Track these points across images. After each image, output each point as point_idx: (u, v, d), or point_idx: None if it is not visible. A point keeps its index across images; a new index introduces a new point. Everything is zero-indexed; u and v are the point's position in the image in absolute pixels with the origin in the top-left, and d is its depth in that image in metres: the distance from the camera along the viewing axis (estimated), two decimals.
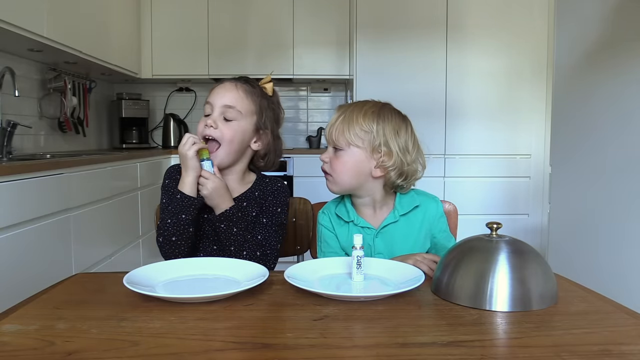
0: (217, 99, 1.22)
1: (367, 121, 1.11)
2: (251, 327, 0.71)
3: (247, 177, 1.29)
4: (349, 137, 1.11)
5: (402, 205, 1.17)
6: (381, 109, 1.14)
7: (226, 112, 1.20)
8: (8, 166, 1.70)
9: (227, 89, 1.23)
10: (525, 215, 3.48)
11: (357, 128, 1.11)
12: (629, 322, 0.72)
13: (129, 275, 0.86)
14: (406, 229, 1.16)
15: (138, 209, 2.88)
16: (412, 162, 1.13)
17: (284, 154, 1.39)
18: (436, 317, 0.76)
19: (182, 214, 1.13)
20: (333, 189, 1.16)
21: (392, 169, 1.11)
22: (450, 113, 3.43)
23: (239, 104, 1.21)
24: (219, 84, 1.25)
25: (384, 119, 1.12)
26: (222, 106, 1.20)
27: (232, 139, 1.21)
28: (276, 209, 1.25)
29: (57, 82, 2.95)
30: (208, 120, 1.21)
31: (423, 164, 1.17)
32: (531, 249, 0.83)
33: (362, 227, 1.16)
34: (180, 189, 1.15)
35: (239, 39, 3.73)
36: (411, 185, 1.18)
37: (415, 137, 1.16)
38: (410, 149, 1.13)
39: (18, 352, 0.62)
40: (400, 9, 3.39)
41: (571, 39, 2.17)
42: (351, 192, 1.17)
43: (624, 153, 1.84)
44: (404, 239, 1.15)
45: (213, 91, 1.24)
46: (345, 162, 1.12)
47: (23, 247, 1.75)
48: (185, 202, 1.13)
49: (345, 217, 1.18)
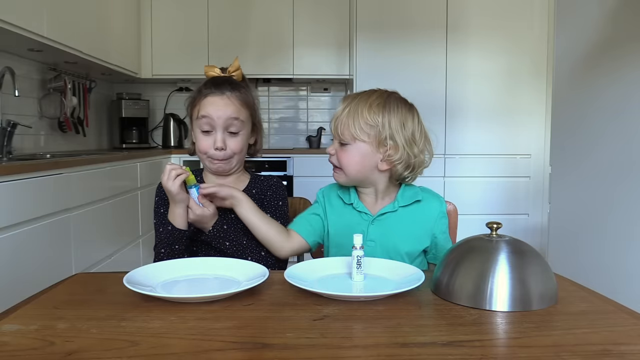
0: (218, 113, 1.18)
1: (372, 114, 1.09)
2: (251, 327, 0.70)
3: (243, 175, 1.30)
4: (354, 131, 1.09)
5: (404, 197, 1.16)
6: (387, 100, 1.11)
7: (230, 126, 1.19)
8: (8, 166, 1.70)
9: (224, 101, 1.19)
10: (525, 215, 3.48)
11: (362, 122, 1.09)
12: (629, 322, 0.72)
13: (129, 275, 0.86)
14: (404, 221, 1.15)
15: (138, 209, 2.88)
16: (420, 152, 1.12)
17: (284, 154, 1.39)
18: (436, 317, 0.76)
19: (175, 245, 1.14)
20: (340, 180, 1.16)
21: (398, 162, 1.10)
22: (450, 113, 3.43)
23: (240, 113, 1.20)
24: (208, 95, 1.19)
25: (390, 111, 1.09)
26: (225, 120, 1.18)
27: (241, 150, 1.22)
28: (278, 203, 1.26)
29: (57, 82, 2.95)
30: (217, 142, 1.18)
31: (430, 153, 1.16)
32: (531, 249, 0.83)
33: (359, 211, 1.15)
34: (170, 220, 1.14)
35: (239, 39, 3.73)
36: (417, 175, 1.16)
37: (423, 126, 1.14)
38: (417, 139, 1.11)
39: (18, 352, 0.62)
40: (400, 9, 3.39)
41: (571, 40, 2.17)
42: (358, 183, 1.17)
43: (623, 153, 1.84)
44: (400, 231, 1.14)
45: (207, 105, 1.18)
46: (351, 156, 1.11)
47: (23, 247, 1.75)
48: (177, 234, 1.13)
49: (347, 199, 1.17)
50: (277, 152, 3.55)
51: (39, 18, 2.31)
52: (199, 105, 1.20)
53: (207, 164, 1.24)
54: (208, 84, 1.22)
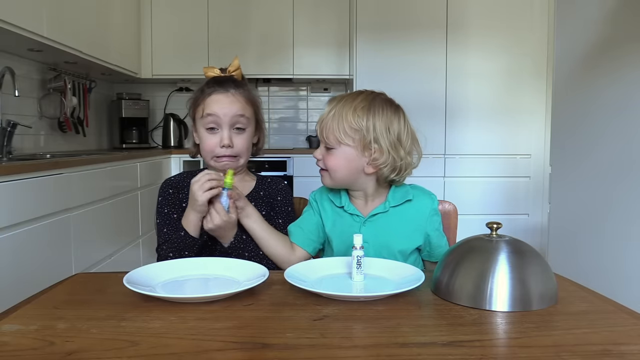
0: (224, 111, 1.17)
1: (356, 118, 1.07)
2: (251, 327, 0.70)
3: (247, 176, 1.29)
4: (339, 135, 1.08)
5: (394, 197, 1.16)
6: (372, 103, 1.09)
7: (236, 123, 1.19)
8: (8, 166, 1.70)
9: (229, 98, 1.18)
10: (525, 215, 3.48)
11: (346, 126, 1.07)
12: (629, 322, 0.71)
13: (129, 275, 0.86)
14: (396, 220, 1.15)
15: (138, 209, 2.88)
16: (407, 154, 1.11)
17: (284, 154, 1.40)
18: (436, 317, 0.76)
19: (184, 251, 1.11)
20: (327, 183, 1.15)
21: (384, 165, 1.09)
22: (450, 113, 3.43)
23: (245, 110, 1.20)
24: (213, 93, 1.18)
25: (375, 114, 1.08)
26: (232, 117, 1.18)
27: (248, 147, 1.22)
28: (287, 208, 1.26)
29: (57, 82, 2.95)
30: (224, 140, 1.17)
31: (419, 153, 1.14)
32: (531, 249, 0.83)
33: (350, 213, 1.15)
34: (184, 226, 1.11)
35: (239, 39, 3.74)
36: (405, 177, 1.15)
37: (409, 127, 1.13)
38: (403, 141, 1.10)
39: (18, 352, 0.62)
40: (400, 9, 3.39)
41: (571, 40, 2.17)
42: (345, 186, 1.16)
43: (623, 153, 1.84)
44: (393, 231, 1.14)
45: (212, 103, 1.17)
46: (337, 160, 1.10)
47: (23, 247, 1.75)
48: (189, 241, 1.10)
49: (337, 202, 1.17)
50: (277, 152, 3.55)
51: (39, 18, 2.31)
52: (203, 103, 1.19)
53: (212, 164, 1.22)
54: (211, 83, 1.21)
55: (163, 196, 1.22)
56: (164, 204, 1.21)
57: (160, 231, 1.18)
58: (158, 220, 1.21)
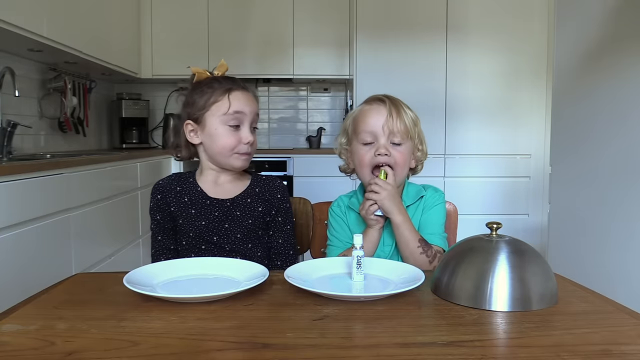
0: (249, 108, 1.18)
1: (410, 113, 1.12)
2: (251, 327, 0.70)
3: (242, 175, 1.29)
4: (411, 129, 1.11)
5: (408, 196, 1.18)
6: None
7: (254, 122, 1.20)
8: (8, 166, 1.70)
9: (248, 96, 1.19)
10: (525, 215, 3.48)
11: (407, 120, 1.11)
12: (629, 322, 0.71)
13: (129, 275, 0.86)
14: (412, 217, 1.16)
15: (138, 209, 2.88)
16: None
17: (283, 154, 1.40)
18: (436, 317, 0.76)
19: None
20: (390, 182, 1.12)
21: (421, 160, 1.15)
22: (450, 113, 3.43)
23: (257, 109, 1.21)
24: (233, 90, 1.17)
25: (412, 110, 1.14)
26: (254, 115, 1.19)
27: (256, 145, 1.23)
28: (286, 205, 1.27)
29: (57, 82, 2.95)
30: (248, 137, 1.17)
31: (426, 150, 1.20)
32: (531, 249, 0.83)
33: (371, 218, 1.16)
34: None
35: (239, 39, 3.73)
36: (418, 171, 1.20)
37: None
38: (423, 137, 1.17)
39: (18, 352, 0.62)
40: (400, 9, 3.39)
41: (571, 39, 2.17)
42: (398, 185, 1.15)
43: (623, 153, 1.84)
44: None
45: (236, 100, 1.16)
46: (405, 156, 1.12)
47: (23, 247, 1.75)
48: None
49: (357, 208, 1.18)
50: (277, 152, 3.55)
51: (39, 18, 2.31)
52: (222, 100, 1.15)
53: (230, 162, 1.19)
54: (219, 80, 1.19)
55: (153, 202, 1.23)
56: (156, 210, 1.22)
57: (155, 238, 1.18)
58: (152, 225, 1.23)
